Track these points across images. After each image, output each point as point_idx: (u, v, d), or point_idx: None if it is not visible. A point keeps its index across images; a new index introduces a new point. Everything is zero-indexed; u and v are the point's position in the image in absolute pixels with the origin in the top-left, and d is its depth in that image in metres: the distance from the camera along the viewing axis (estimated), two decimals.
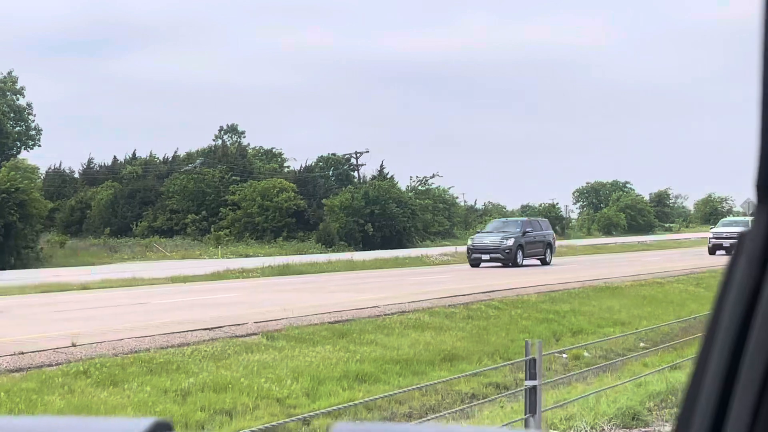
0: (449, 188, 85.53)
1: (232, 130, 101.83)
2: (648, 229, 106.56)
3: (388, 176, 79.73)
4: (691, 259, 40.70)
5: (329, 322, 16.31)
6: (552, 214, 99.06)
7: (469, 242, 38.33)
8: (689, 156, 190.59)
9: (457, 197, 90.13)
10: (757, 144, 0.76)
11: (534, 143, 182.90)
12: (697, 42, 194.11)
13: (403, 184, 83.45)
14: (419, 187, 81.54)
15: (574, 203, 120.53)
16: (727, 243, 46.05)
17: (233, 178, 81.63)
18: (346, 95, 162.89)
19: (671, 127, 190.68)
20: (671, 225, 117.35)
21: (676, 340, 18.81)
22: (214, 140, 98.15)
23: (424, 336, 15.53)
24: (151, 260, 56.31)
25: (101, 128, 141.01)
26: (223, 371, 11.72)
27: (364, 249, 66.74)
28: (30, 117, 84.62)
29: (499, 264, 35.69)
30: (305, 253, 58.84)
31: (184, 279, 33.20)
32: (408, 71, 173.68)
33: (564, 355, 16.42)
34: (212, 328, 14.94)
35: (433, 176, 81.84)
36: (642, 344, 18.56)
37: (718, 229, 49.36)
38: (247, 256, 59.09)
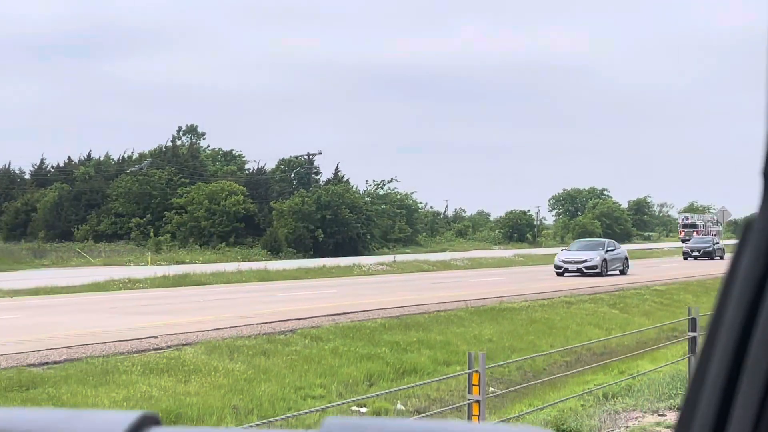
0: (411, 193, 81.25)
1: (192, 130, 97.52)
2: (625, 238, 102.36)
3: (344, 180, 75.53)
4: (638, 271, 36.91)
5: (51, 362, 12.19)
6: (523, 222, 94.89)
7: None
8: (674, 164, 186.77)
9: (421, 203, 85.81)
10: (764, 130, 0.72)
11: (519, 150, 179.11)
12: (683, 50, 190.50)
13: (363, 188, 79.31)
14: (378, 191, 77.37)
15: (550, 210, 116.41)
16: None
17: (182, 180, 77.26)
18: (323, 99, 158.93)
19: (656, 134, 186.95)
20: (650, 234, 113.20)
21: (543, 378, 14.79)
22: (172, 141, 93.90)
23: (156, 385, 11.39)
24: (71, 267, 52.13)
25: (62, 129, 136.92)
26: None
27: (314, 256, 62.80)
28: None
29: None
30: (250, 260, 54.93)
31: (50, 291, 29.16)
32: (388, 75, 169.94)
33: (362, 409, 12.31)
34: None
35: (391, 180, 77.63)
36: (492, 389, 14.44)
37: None
38: (182, 263, 54.89)
